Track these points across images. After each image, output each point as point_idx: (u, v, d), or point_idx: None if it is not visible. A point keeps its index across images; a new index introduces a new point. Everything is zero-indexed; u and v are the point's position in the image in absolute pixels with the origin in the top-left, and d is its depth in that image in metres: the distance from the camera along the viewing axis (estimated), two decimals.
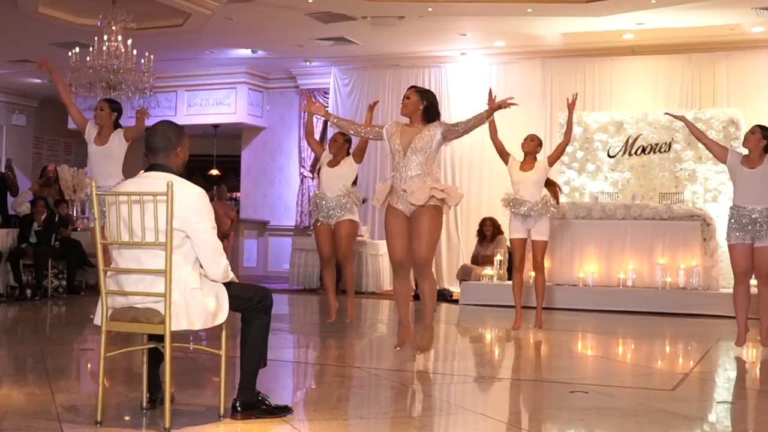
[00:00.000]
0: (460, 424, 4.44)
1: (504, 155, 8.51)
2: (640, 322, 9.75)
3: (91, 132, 7.82)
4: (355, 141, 8.08)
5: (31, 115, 18.70)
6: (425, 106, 6.18)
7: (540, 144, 8.61)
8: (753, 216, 7.09)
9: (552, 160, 8.57)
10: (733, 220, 7.19)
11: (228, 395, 4.26)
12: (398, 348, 6.34)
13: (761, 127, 7.27)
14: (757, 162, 7.16)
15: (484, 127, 14.13)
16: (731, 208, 7.28)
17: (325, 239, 8.14)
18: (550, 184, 8.66)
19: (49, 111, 18.57)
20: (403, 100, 6.25)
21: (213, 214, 4.10)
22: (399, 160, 6.17)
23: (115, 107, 7.90)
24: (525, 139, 8.59)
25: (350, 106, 15.12)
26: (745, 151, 7.35)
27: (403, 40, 13.50)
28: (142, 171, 4.36)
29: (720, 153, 7.39)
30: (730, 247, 7.23)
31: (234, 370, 4.62)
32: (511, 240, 8.60)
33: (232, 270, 4.22)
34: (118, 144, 7.70)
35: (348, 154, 8.23)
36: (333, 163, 8.16)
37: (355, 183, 8.23)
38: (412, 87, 6.35)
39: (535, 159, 8.53)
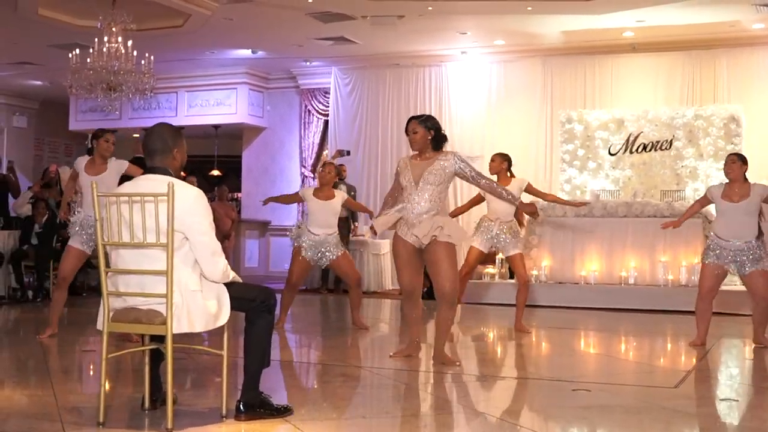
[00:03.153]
0: (462, 423, 4.43)
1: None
2: (642, 320, 9.74)
3: (80, 163, 7.36)
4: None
5: (32, 117, 18.71)
6: (433, 135, 6.07)
7: (504, 161, 8.17)
8: (733, 249, 7.18)
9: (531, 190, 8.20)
10: (713, 248, 7.29)
11: (230, 396, 4.26)
12: (392, 355, 6.32)
13: (739, 155, 7.35)
14: (739, 193, 7.16)
15: (489, 126, 14.23)
16: (712, 236, 7.37)
17: (301, 271, 8.35)
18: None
19: (50, 113, 18.58)
20: (409, 136, 6.08)
21: (211, 215, 4.10)
22: (411, 192, 6.06)
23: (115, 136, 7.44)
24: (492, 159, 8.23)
25: (351, 106, 15.12)
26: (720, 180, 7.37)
27: (404, 40, 13.49)
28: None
29: (704, 203, 7.57)
30: (705, 266, 7.33)
31: (236, 371, 4.62)
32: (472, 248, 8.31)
33: (233, 270, 4.22)
34: (116, 173, 7.19)
35: (335, 186, 8.32)
36: (323, 196, 8.17)
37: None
38: (413, 119, 6.12)
39: (510, 177, 8.18)
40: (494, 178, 7.91)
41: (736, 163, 7.23)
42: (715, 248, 7.26)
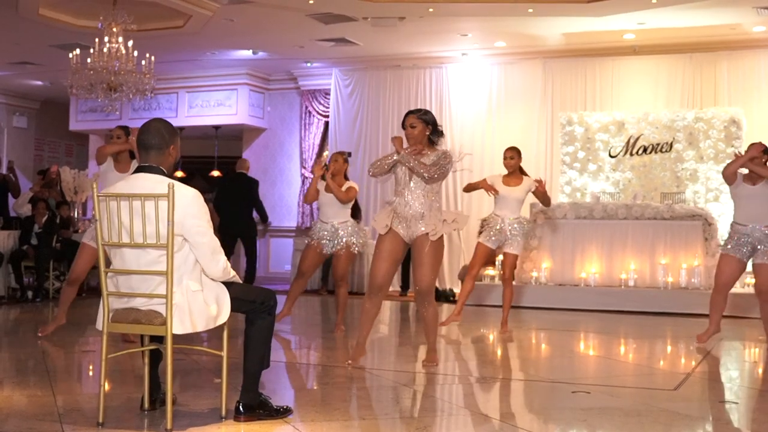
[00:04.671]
0: (461, 425, 4.43)
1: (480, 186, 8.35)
2: (641, 322, 9.74)
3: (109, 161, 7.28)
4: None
5: (33, 117, 18.71)
6: (431, 131, 6.02)
7: (520, 156, 8.33)
8: (753, 235, 7.19)
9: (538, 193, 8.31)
10: (731, 236, 7.32)
11: (229, 396, 4.26)
12: (350, 363, 6.12)
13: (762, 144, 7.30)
14: (758, 179, 7.17)
15: (489, 128, 14.22)
16: (732, 224, 7.37)
17: (312, 261, 8.22)
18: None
19: (51, 113, 18.59)
20: (406, 130, 5.98)
21: (208, 213, 4.08)
22: (404, 187, 5.98)
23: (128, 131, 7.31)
24: (505, 157, 8.29)
25: (351, 107, 15.12)
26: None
27: (404, 41, 13.50)
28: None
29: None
30: (722, 256, 7.37)
31: (235, 372, 4.61)
32: (478, 244, 8.39)
33: (233, 271, 4.21)
34: None
35: (346, 177, 8.24)
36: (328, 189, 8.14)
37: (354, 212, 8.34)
38: (411, 114, 6.04)
39: (521, 174, 8.33)
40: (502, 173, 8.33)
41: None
42: (734, 235, 7.28)
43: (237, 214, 12.45)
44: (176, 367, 4.43)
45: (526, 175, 8.41)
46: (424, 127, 5.99)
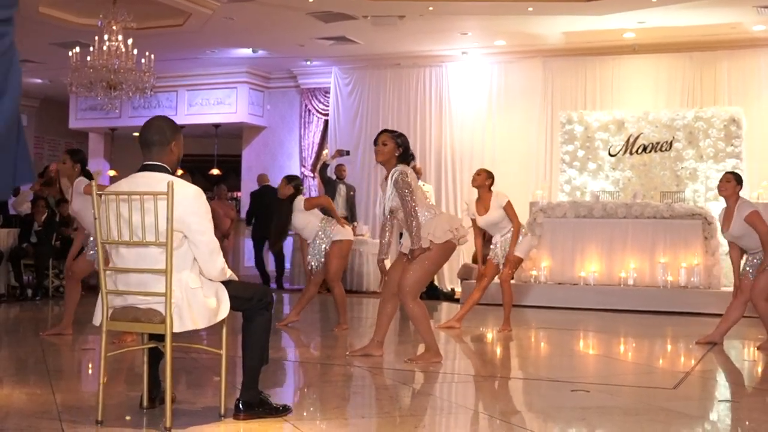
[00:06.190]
0: (461, 423, 4.43)
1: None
2: (641, 321, 9.75)
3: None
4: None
5: (32, 115, 18.70)
6: (401, 152, 6.12)
7: (489, 176, 8.35)
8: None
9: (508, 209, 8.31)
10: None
11: (229, 395, 4.26)
12: (349, 353, 6.54)
13: (734, 174, 7.40)
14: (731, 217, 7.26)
15: (489, 127, 14.26)
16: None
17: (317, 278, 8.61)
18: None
19: (51, 111, 18.58)
20: (378, 145, 6.11)
21: (210, 213, 4.07)
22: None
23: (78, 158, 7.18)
24: (473, 178, 8.42)
25: (351, 106, 15.12)
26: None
27: (404, 40, 13.50)
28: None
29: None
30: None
31: (235, 370, 4.62)
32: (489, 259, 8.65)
33: (232, 270, 4.21)
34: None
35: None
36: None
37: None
38: (386, 132, 6.21)
39: (489, 193, 8.33)
40: (475, 192, 8.41)
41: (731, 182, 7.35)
42: None
43: (267, 222, 13.32)
44: (176, 365, 4.43)
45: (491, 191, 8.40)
46: (395, 147, 6.10)
